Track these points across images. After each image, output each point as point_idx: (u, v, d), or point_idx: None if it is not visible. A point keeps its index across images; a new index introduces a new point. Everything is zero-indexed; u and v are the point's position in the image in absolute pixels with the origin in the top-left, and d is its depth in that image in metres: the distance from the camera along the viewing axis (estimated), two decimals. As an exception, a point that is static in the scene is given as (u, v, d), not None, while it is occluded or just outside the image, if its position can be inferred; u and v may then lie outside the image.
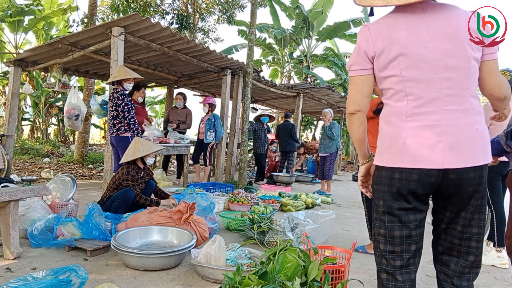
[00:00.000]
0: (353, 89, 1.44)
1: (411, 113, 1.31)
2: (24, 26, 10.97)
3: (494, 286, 2.63)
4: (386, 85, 1.37)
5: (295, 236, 3.02)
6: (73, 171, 7.61)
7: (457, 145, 1.27)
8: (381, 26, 1.36)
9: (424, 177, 1.30)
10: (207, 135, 6.61)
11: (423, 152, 1.28)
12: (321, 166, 7.13)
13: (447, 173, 1.28)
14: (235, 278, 1.84)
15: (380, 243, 1.42)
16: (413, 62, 1.29)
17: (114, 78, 4.55)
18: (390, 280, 1.40)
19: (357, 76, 1.41)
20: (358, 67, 1.40)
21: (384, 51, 1.32)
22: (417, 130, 1.29)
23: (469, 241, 1.37)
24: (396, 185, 1.34)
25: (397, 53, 1.30)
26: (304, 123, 16.83)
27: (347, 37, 14.74)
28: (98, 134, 17.54)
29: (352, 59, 1.43)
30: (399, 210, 1.36)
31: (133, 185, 3.62)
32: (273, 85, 8.81)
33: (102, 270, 2.45)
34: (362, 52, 1.38)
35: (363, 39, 1.38)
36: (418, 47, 1.29)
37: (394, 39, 1.31)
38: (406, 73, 1.30)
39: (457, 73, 1.29)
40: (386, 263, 1.41)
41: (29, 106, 13.23)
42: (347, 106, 1.46)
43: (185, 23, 10.70)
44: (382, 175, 1.38)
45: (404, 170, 1.31)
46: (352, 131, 1.48)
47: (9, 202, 2.49)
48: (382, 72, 1.36)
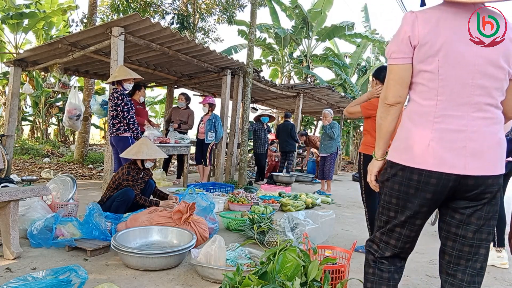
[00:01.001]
0: (393, 79, 1.35)
1: (439, 114, 1.28)
2: (24, 26, 10.97)
3: (494, 286, 2.63)
4: (419, 80, 1.33)
5: (295, 236, 3.02)
6: (73, 171, 7.61)
7: (480, 153, 1.26)
8: (429, 16, 1.28)
9: (443, 181, 1.28)
10: (208, 135, 6.61)
11: (447, 156, 1.26)
12: (321, 166, 7.13)
13: (466, 179, 1.27)
14: (235, 278, 1.84)
15: (378, 231, 1.46)
16: (453, 62, 1.26)
17: (114, 78, 4.55)
18: (377, 264, 1.47)
19: (399, 65, 1.33)
20: (400, 55, 1.32)
21: (428, 43, 1.26)
22: (443, 133, 1.27)
23: (478, 248, 1.35)
24: (414, 186, 1.32)
25: (440, 49, 1.25)
26: (304, 123, 16.82)
27: (346, 37, 14.74)
28: (98, 134, 17.54)
29: (393, 45, 1.34)
30: (410, 211, 1.36)
31: (133, 185, 3.62)
32: (273, 85, 8.81)
33: (102, 270, 2.45)
34: (407, 38, 1.29)
35: (409, 24, 1.29)
36: (462, 48, 1.25)
37: (440, 33, 1.26)
38: (443, 72, 1.27)
39: (492, 83, 1.27)
40: (377, 248, 1.46)
41: (29, 106, 13.23)
42: (386, 96, 1.38)
43: (185, 23, 10.70)
44: (398, 173, 1.35)
45: (424, 172, 1.29)
46: (386, 122, 1.41)
47: (9, 202, 2.49)
48: (419, 64, 1.31)
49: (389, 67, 1.37)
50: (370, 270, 1.49)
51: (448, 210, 1.39)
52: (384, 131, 1.44)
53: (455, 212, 1.36)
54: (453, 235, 1.38)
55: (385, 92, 1.38)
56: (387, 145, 1.48)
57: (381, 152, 1.50)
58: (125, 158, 3.92)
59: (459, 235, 1.36)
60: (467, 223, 1.34)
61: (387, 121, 1.41)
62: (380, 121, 1.44)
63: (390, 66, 1.36)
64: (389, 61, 1.37)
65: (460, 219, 1.35)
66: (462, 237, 1.36)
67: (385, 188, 1.43)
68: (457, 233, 1.36)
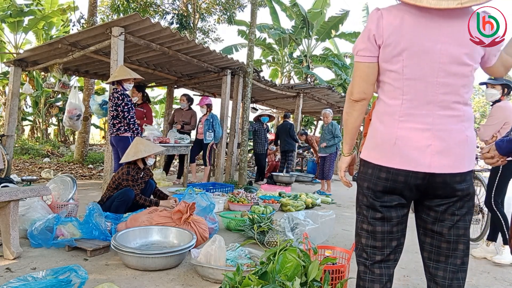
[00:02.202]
0: (359, 75, 1.38)
1: (404, 113, 1.30)
2: (24, 26, 10.97)
3: (494, 286, 2.63)
4: (385, 79, 1.35)
5: (295, 236, 3.02)
6: (73, 171, 7.61)
7: (446, 151, 1.28)
8: (394, 15, 1.29)
9: (410, 179, 1.30)
10: (206, 135, 6.61)
11: (412, 154, 1.28)
12: (321, 166, 7.13)
13: (434, 177, 1.29)
14: (235, 278, 1.84)
15: (362, 237, 1.43)
16: (417, 61, 1.27)
17: (114, 78, 4.55)
18: (367, 273, 1.42)
19: (364, 63, 1.35)
20: (366, 53, 1.33)
21: (392, 43, 1.28)
22: (408, 131, 1.29)
23: (456, 244, 1.36)
24: (381, 184, 1.34)
25: (404, 49, 1.27)
26: (304, 123, 16.82)
27: (346, 37, 14.75)
28: (98, 134, 17.53)
29: (360, 43, 1.35)
30: (382, 207, 1.37)
31: (133, 185, 3.62)
32: (273, 85, 8.81)
33: (102, 270, 2.45)
34: (372, 37, 1.31)
35: (374, 23, 1.30)
36: (426, 47, 1.26)
37: (404, 33, 1.27)
38: (408, 71, 1.28)
39: (456, 81, 1.28)
40: (366, 256, 1.42)
41: (29, 106, 13.23)
42: (351, 92, 1.40)
43: (185, 23, 10.69)
44: (368, 172, 1.38)
45: (391, 170, 1.31)
46: (351, 118, 1.44)
47: (9, 202, 2.49)
48: (384, 63, 1.33)
49: (355, 64, 1.39)
50: (360, 282, 1.44)
51: (423, 207, 1.41)
52: (350, 127, 1.47)
53: (430, 209, 1.39)
54: (430, 232, 1.41)
55: (350, 88, 1.41)
56: (353, 140, 1.53)
57: (348, 147, 1.55)
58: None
59: (436, 232, 1.39)
60: (442, 219, 1.37)
61: (352, 117, 1.44)
62: (346, 117, 1.46)
63: (356, 63, 1.38)
64: (355, 58, 1.38)
65: (434, 216, 1.38)
66: (438, 233, 1.38)
67: (359, 188, 1.44)
68: (433, 229, 1.39)
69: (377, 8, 1.33)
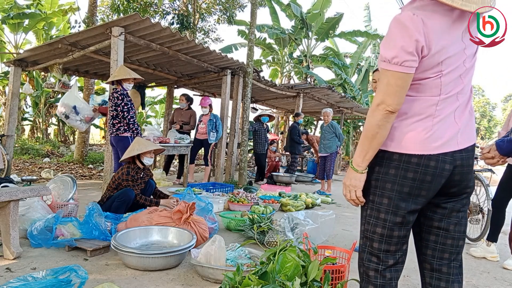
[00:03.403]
0: (399, 85, 1.25)
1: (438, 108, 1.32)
2: (24, 26, 10.96)
3: (494, 286, 2.63)
4: (420, 82, 1.31)
5: (295, 236, 3.02)
6: (73, 171, 7.61)
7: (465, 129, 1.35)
8: (435, 24, 1.23)
9: (441, 163, 1.30)
10: (210, 135, 6.62)
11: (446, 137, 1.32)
12: (321, 166, 7.13)
13: (455, 160, 1.32)
14: (235, 278, 1.84)
15: (375, 241, 1.39)
16: (452, 67, 1.28)
17: (114, 77, 4.55)
18: (379, 278, 1.40)
19: (408, 74, 1.24)
20: (413, 64, 1.22)
21: (436, 54, 1.24)
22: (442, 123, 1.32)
23: (458, 240, 1.41)
24: (410, 177, 1.32)
25: (444, 58, 1.26)
26: (304, 123, 16.82)
27: (346, 36, 14.74)
28: (98, 134, 17.53)
29: (404, 54, 1.21)
30: (405, 211, 1.35)
31: (133, 185, 3.62)
32: (273, 85, 8.81)
33: (102, 270, 2.45)
34: (420, 47, 1.21)
35: (417, 31, 1.20)
36: (456, 51, 1.28)
37: (444, 42, 1.24)
38: (445, 79, 1.29)
39: (470, 72, 1.35)
40: (378, 261, 1.40)
41: (29, 106, 13.22)
42: (388, 103, 1.26)
43: (185, 23, 10.68)
44: (391, 172, 1.34)
45: (423, 156, 1.30)
46: (384, 131, 1.30)
47: (9, 202, 2.49)
48: (422, 73, 1.28)
49: (393, 73, 1.25)
50: (370, 287, 1.41)
51: (429, 205, 1.42)
52: (379, 140, 1.32)
53: (437, 207, 1.41)
54: (435, 229, 1.42)
55: (385, 98, 1.27)
56: (373, 155, 1.36)
57: (366, 163, 1.37)
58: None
59: (442, 229, 1.41)
60: (449, 216, 1.40)
61: (386, 129, 1.31)
62: (377, 130, 1.30)
63: (396, 73, 1.24)
64: (395, 67, 1.24)
65: (442, 213, 1.40)
66: (444, 230, 1.41)
67: (374, 189, 1.38)
68: (439, 226, 1.41)
69: (413, 13, 1.22)
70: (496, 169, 3.38)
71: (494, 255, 3.21)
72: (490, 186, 3.47)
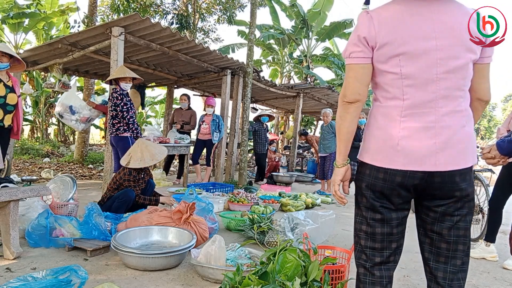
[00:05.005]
0: (352, 76, 1.32)
1: (406, 113, 1.28)
2: (24, 26, 10.96)
3: (494, 286, 2.63)
4: (382, 80, 1.32)
5: (295, 236, 3.02)
6: (73, 171, 7.61)
7: (449, 148, 1.26)
8: (384, 16, 1.27)
9: (408, 179, 1.29)
10: (214, 135, 6.62)
11: (417, 154, 1.26)
12: (321, 166, 7.13)
13: (432, 176, 1.27)
14: (235, 278, 1.84)
15: (361, 238, 1.42)
16: (415, 60, 1.24)
17: (111, 76, 4.57)
18: (367, 275, 1.41)
19: (358, 64, 1.31)
20: (359, 55, 1.30)
21: (386, 45, 1.25)
22: (411, 131, 1.27)
23: (456, 244, 1.35)
24: (379, 184, 1.33)
25: (400, 49, 1.24)
26: (304, 123, 16.82)
27: (346, 36, 14.73)
28: (98, 134, 17.52)
29: (350, 46, 1.32)
30: (382, 208, 1.36)
31: (135, 185, 3.61)
32: (273, 85, 8.81)
33: (102, 270, 2.45)
34: (363, 39, 1.28)
35: (364, 26, 1.28)
36: (422, 44, 1.24)
37: (398, 33, 1.24)
38: (406, 71, 1.25)
39: (456, 75, 1.26)
40: (366, 258, 1.42)
41: (29, 106, 13.22)
42: (345, 94, 1.34)
43: (185, 23, 10.69)
44: (366, 172, 1.37)
45: (389, 171, 1.30)
46: (345, 122, 1.36)
47: (9, 202, 2.49)
48: (380, 65, 1.30)
49: (347, 66, 1.34)
50: (360, 285, 1.43)
51: (423, 208, 1.40)
52: (344, 132, 1.37)
53: (429, 210, 1.37)
54: (430, 232, 1.40)
55: (343, 91, 1.34)
56: (348, 148, 1.40)
57: (342, 157, 1.43)
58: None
59: (435, 232, 1.37)
60: (441, 220, 1.35)
61: (346, 121, 1.36)
62: (339, 122, 1.38)
63: (348, 66, 1.33)
64: (347, 60, 1.33)
65: (434, 216, 1.36)
66: (438, 234, 1.37)
67: (356, 188, 1.43)
68: (433, 230, 1.38)
69: (366, 11, 1.31)
70: (496, 169, 3.38)
71: (493, 255, 3.21)
72: (490, 186, 3.48)
